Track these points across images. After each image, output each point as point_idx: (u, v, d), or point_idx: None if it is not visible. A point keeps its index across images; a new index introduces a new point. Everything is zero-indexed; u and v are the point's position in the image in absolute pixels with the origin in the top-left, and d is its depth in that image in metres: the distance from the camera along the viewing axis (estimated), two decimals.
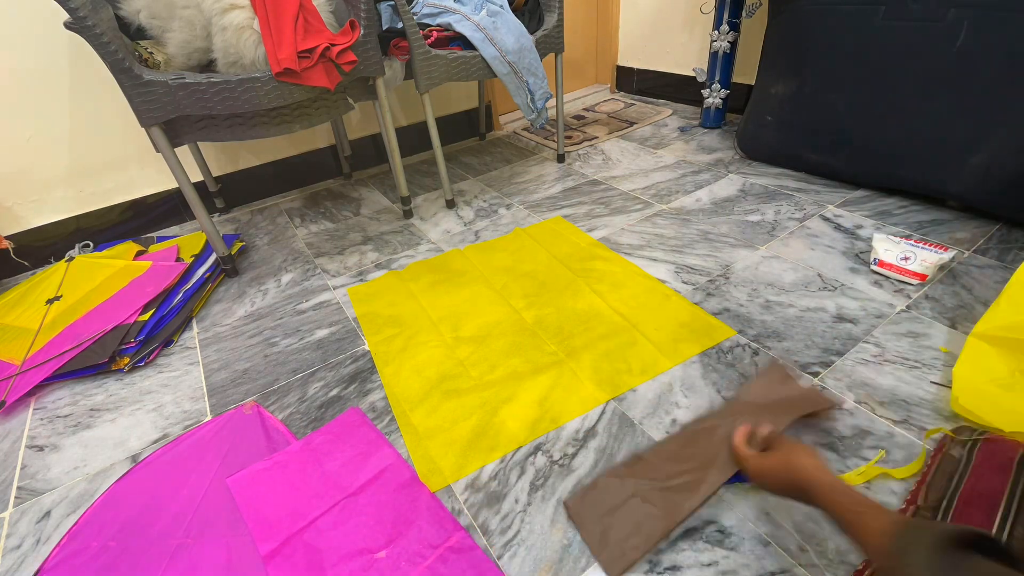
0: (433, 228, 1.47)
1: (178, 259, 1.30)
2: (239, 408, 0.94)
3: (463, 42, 1.41)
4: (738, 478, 0.69)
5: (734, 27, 1.71)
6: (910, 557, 0.43)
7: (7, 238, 1.40)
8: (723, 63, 1.78)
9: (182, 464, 0.84)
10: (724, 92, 1.82)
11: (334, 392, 0.95)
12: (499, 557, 0.67)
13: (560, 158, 1.80)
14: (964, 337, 0.89)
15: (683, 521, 0.67)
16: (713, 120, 1.90)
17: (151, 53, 1.18)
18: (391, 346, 1.04)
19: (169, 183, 1.57)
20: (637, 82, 2.33)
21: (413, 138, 1.92)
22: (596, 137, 1.96)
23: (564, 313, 1.08)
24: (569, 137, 1.98)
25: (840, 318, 0.99)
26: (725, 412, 0.80)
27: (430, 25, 1.42)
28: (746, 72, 1.80)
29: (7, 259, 1.42)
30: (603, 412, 0.85)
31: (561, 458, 0.79)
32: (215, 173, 1.63)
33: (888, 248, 1.09)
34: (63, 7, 0.95)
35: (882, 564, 0.47)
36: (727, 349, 0.95)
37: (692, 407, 0.85)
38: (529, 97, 1.50)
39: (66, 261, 1.36)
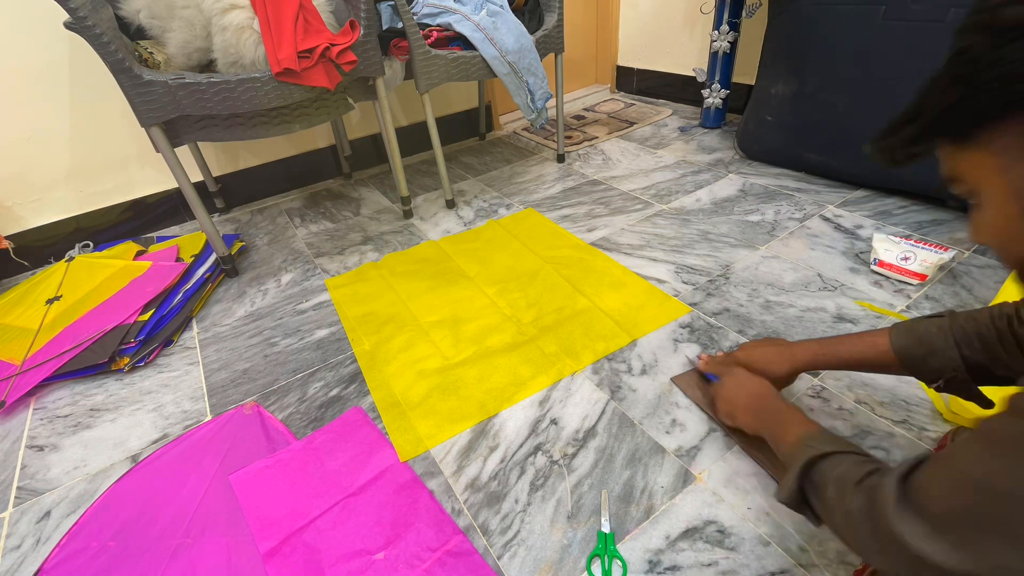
0: (433, 228, 1.47)
1: (178, 259, 1.30)
2: (239, 408, 0.94)
3: (463, 42, 1.41)
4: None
5: (734, 27, 1.71)
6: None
7: (7, 238, 1.40)
8: (723, 63, 1.77)
9: (182, 464, 0.84)
10: (724, 92, 1.82)
11: (334, 392, 0.95)
12: (499, 557, 0.67)
13: (560, 158, 1.80)
14: None
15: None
16: (713, 120, 1.89)
17: (151, 53, 1.18)
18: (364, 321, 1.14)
19: (169, 183, 1.57)
20: (637, 82, 2.33)
21: (413, 138, 1.92)
22: (596, 137, 1.96)
23: (543, 299, 1.15)
24: (569, 137, 1.98)
25: (840, 318, 0.99)
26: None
27: (430, 25, 1.42)
28: (746, 72, 1.80)
29: (7, 259, 1.42)
30: (603, 411, 0.86)
31: (561, 458, 0.79)
32: (215, 173, 1.63)
33: (888, 248, 1.09)
34: (63, 7, 0.95)
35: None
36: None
37: (692, 406, 0.85)
38: (529, 97, 1.50)
39: (66, 261, 1.36)
